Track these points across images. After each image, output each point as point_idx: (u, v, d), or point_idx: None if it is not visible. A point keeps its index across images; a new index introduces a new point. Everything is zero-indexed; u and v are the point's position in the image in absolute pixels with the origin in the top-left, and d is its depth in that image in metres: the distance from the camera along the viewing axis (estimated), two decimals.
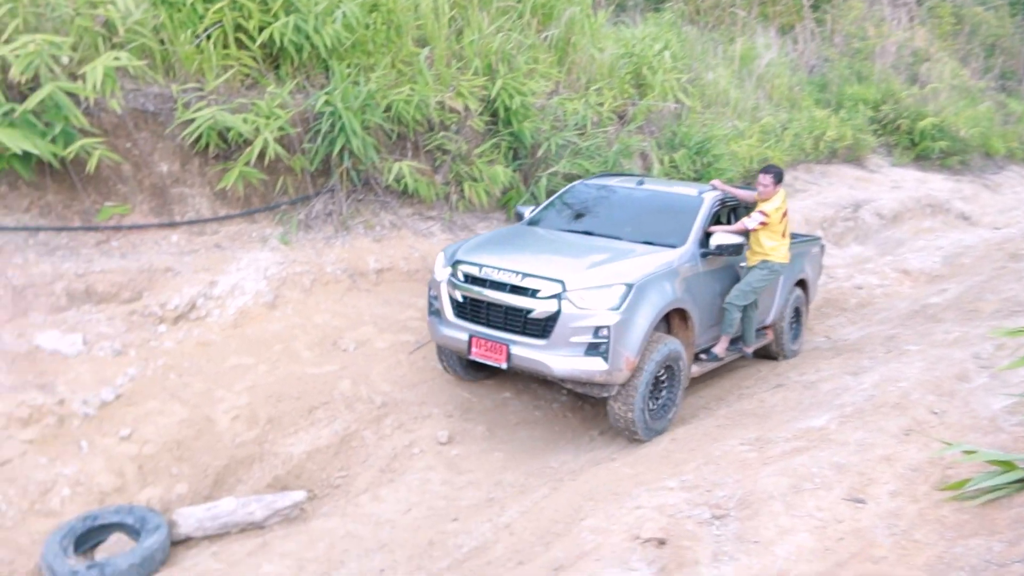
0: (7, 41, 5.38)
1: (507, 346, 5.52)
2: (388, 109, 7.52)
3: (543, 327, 5.44)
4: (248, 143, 6.67)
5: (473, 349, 5.65)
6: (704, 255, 6.33)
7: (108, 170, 6.20)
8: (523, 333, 5.51)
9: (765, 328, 7.77)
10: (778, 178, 6.78)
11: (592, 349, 5.37)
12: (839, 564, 3.42)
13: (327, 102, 7.01)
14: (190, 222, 6.69)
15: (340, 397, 5.90)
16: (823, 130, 15.17)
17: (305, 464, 5.38)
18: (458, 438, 5.90)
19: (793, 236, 8.47)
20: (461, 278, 5.82)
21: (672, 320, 6.14)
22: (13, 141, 5.28)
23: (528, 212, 7.19)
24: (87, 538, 4.48)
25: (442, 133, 8.21)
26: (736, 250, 6.37)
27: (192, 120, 6.40)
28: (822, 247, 9.08)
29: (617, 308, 5.37)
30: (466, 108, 8.32)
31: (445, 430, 5.90)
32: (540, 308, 5.41)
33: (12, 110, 5.39)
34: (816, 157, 15.35)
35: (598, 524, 4.30)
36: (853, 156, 16.49)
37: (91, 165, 5.78)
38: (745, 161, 12.13)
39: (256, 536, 4.67)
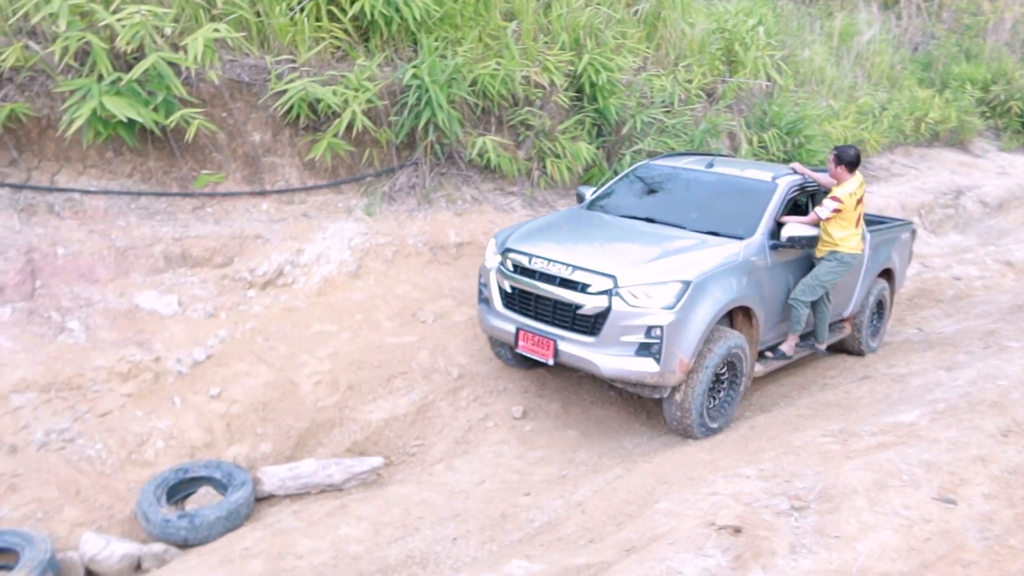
0: (114, 11, 5.61)
1: (554, 341, 5.28)
2: (474, 83, 7.53)
3: (592, 324, 5.18)
4: (337, 115, 6.79)
5: (520, 342, 5.45)
6: (774, 247, 5.87)
7: (205, 139, 6.43)
8: (572, 329, 5.27)
9: (842, 321, 7.24)
10: (843, 159, 6.13)
11: (643, 349, 5.09)
12: (925, 565, 3.29)
13: (415, 75, 7.06)
14: (279, 191, 6.89)
15: (418, 367, 6.00)
16: (925, 111, 14.44)
17: (383, 431, 5.50)
18: (532, 414, 5.93)
19: (881, 220, 8.04)
20: (510, 268, 5.59)
21: (735, 316, 5.76)
22: (119, 109, 5.52)
23: (589, 194, 6.82)
24: (178, 489, 4.71)
25: (526, 108, 8.18)
26: (810, 243, 5.93)
27: (284, 91, 6.55)
28: (913, 233, 8.29)
29: (672, 307, 5.06)
30: (551, 83, 8.25)
31: (520, 405, 5.93)
32: (590, 304, 5.15)
33: (119, 79, 5.62)
34: (916, 140, 14.64)
35: (672, 508, 4.25)
36: (956, 140, 15.65)
37: (190, 134, 6.00)
38: (839, 142, 11.64)
39: (334, 498, 4.81)
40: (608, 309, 5.09)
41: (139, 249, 5.89)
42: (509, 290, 5.60)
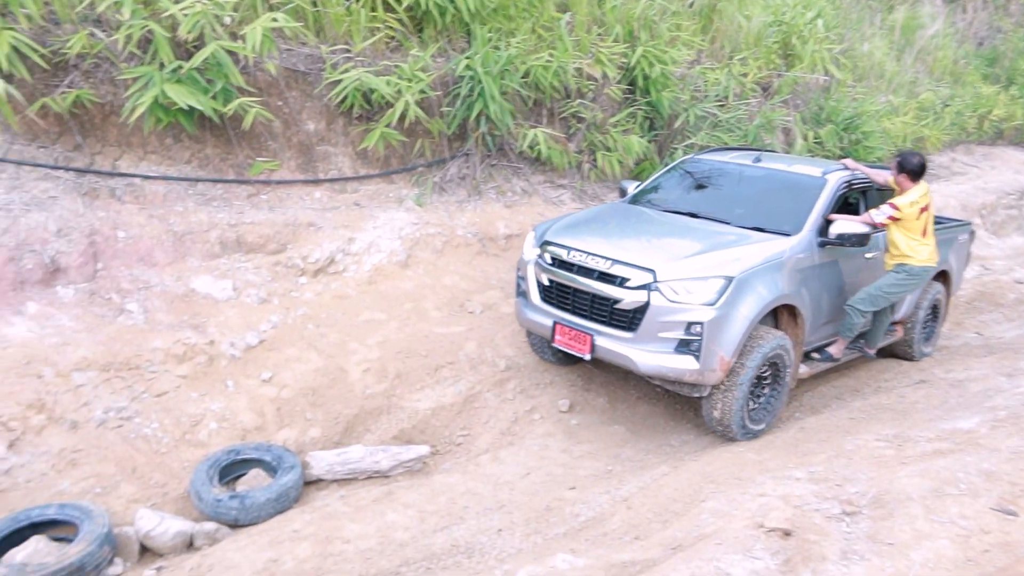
0: (176, 0, 5.71)
1: (592, 336, 5.18)
2: (526, 75, 7.52)
3: (631, 319, 5.08)
4: (390, 105, 6.83)
5: (557, 336, 5.37)
6: (822, 244, 5.67)
7: (260, 127, 6.53)
8: (609, 324, 5.17)
9: (894, 323, 6.94)
10: (906, 167, 5.87)
11: (683, 346, 4.98)
12: None
13: (468, 66, 7.07)
14: (332, 180, 6.97)
15: (465, 358, 6.03)
16: (989, 108, 13.99)
17: (429, 420, 5.54)
18: (578, 408, 5.91)
19: (938, 220, 7.76)
20: (548, 260, 5.52)
21: (780, 314, 5.61)
22: (179, 96, 5.64)
23: (632, 188, 6.71)
24: (229, 470, 4.81)
25: (578, 101, 8.13)
26: (860, 240, 5.60)
27: (339, 81, 6.62)
28: (971, 234, 7.99)
29: (713, 303, 4.93)
30: (604, 76, 8.19)
31: (566, 399, 5.92)
32: (628, 298, 5.03)
33: (179, 67, 5.74)
34: (979, 137, 14.19)
35: (719, 508, 4.21)
36: (1022, 138, 15.10)
37: (247, 122, 6.10)
38: (898, 139, 11.37)
39: (381, 484, 4.86)
40: (647, 304, 5.00)
41: (196, 234, 6.01)
42: (547, 283, 5.53)
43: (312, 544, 3.98)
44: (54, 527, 4.03)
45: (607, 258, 5.18)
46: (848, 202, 6.21)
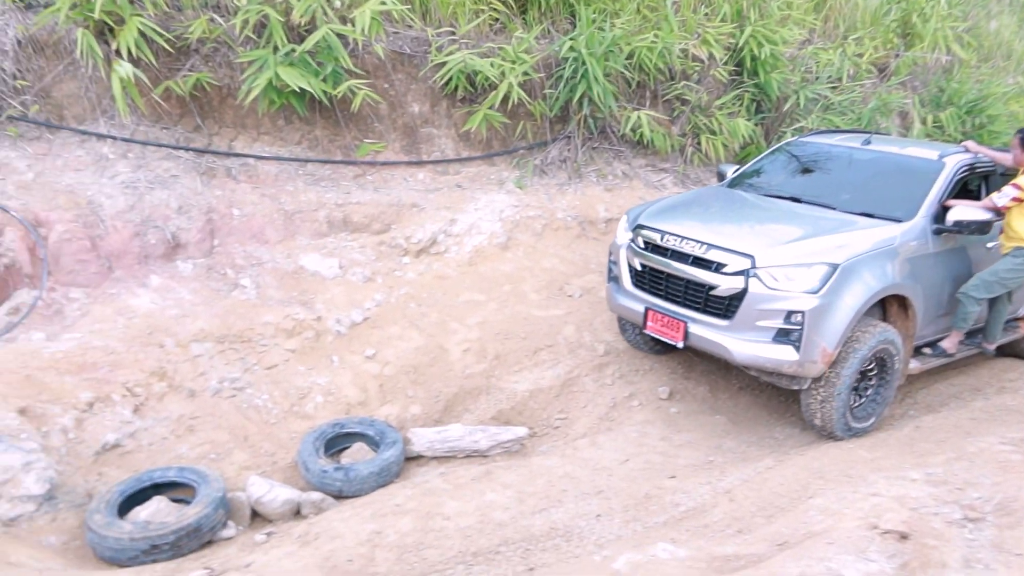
0: None
1: (685, 323, 5.01)
2: (630, 56, 7.39)
3: (726, 306, 4.87)
4: (493, 87, 6.85)
5: (648, 323, 5.20)
6: (938, 232, 5.31)
7: (367, 109, 6.66)
8: (704, 311, 4.97)
9: (1017, 320, 6.42)
10: None
11: (782, 336, 4.73)
12: None
13: (571, 48, 7.00)
14: (435, 161, 7.05)
15: (564, 341, 6.00)
16: None
17: (527, 402, 5.54)
18: (678, 396, 5.80)
19: None
20: (641, 245, 5.34)
21: (889, 306, 5.28)
22: (292, 79, 5.80)
23: (731, 172, 6.43)
24: (334, 443, 4.95)
25: (683, 82, 7.94)
26: (980, 228, 5.23)
27: (444, 63, 6.67)
28: None
29: (816, 291, 4.67)
30: (710, 57, 7.96)
31: (666, 386, 5.81)
32: (724, 284, 4.82)
33: (292, 50, 5.91)
34: None
35: (828, 505, 4.04)
36: None
37: (356, 104, 6.24)
38: None
39: (479, 464, 4.90)
40: (744, 291, 4.77)
41: (305, 213, 6.20)
42: (639, 268, 5.37)
43: (413, 519, 4.05)
44: (173, 488, 4.25)
45: (703, 242, 4.99)
46: (968, 188, 5.82)
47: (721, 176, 6.53)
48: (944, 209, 5.37)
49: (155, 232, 5.56)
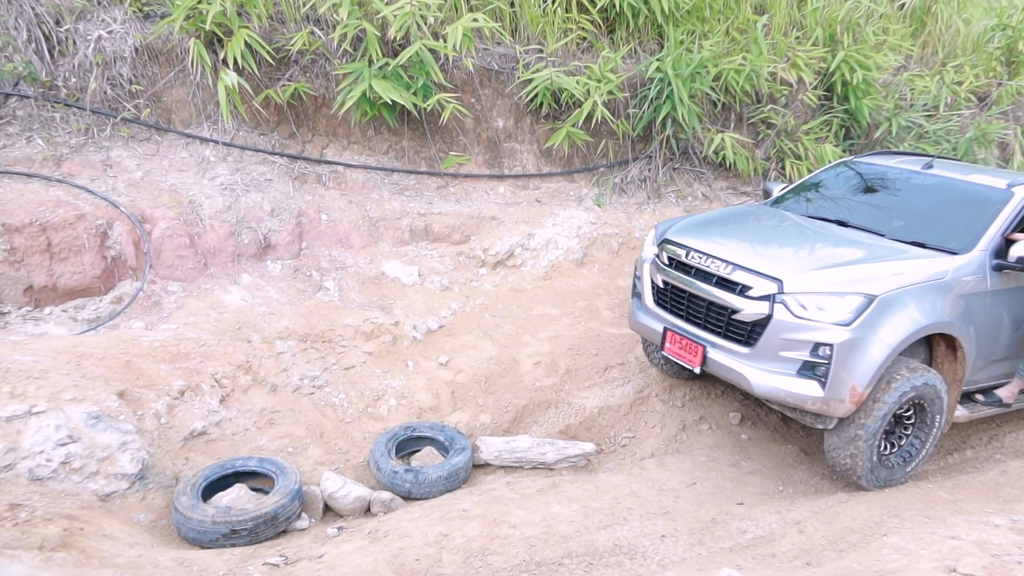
0: (387, 2, 6.10)
1: (704, 348, 4.71)
2: (717, 78, 7.36)
3: (749, 332, 4.53)
4: (577, 105, 6.93)
5: (667, 344, 4.93)
6: (999, 268, 4.80)
7: (453, 122, 6.83)
8: (725, 336, 4.65)
9: None
10: None
11: (807, 369, 4.36)
12: None
13: (658, 68, 7.03)
14: (516, 176, 7.17)
15: (635, 360, 6.00)
16: None
17: (596, 418, 5.57)
18: (750, 422, 5.72)
19: None
20: (665, 260, 5.05)
21: (936, 346, 4.87)
22: (385, 91, 6.02)
23: (777, 190, 6.06)
24: (405, 445, 5.07)
25: (770, 106, 7.85)
26: None
27: (530, 80, 6.79)
28: None
29: (848, 324, 4.27)
30: (799, 80, 7.85)
31: (737, 412, 5.74)
32: (748, 309, 4.48)
33: (386, 64, 6.13)
34: None
35: (903, 544, 3.93)
36: None
37: (444, 117, 6.41)
38: None
39: (545, 476, 4.95)
40: (768, 317, 4.42)
41: (388, 221, 6.40)
42: (661, 285, 5.09)
43: (480, 524, 4.12)
44: (253, 478, 4.44)
45: (728, 262, 4.66)
46: None
47: (767, 194, 6.19)
48: (1008, 243, 4.89)
49: (248, 232, 5.83)
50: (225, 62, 5.83)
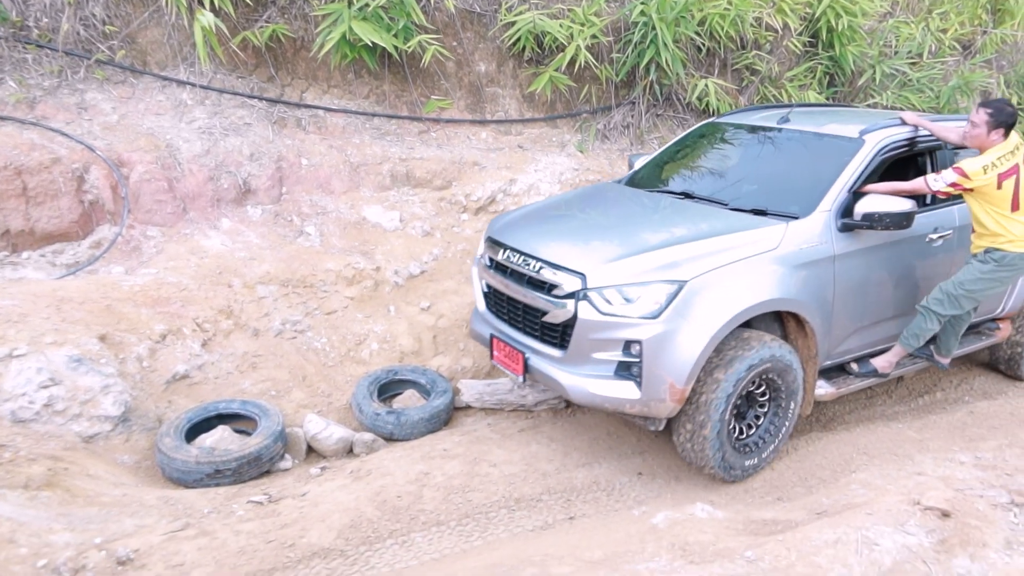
0: None
1: (524, 354, 4.21)
2: (701, 23, 7.27)
3: (561, 335, 4.04)
4: (560, 49, 6.85)
5: (494, 352, 4.48)
6: (846, 228, 4.28)
7: (434, 66, 6.74)
8: (542, 340, 4.17)
9: (997, 320, 5.45)
10: (1001, 119, 4.30)
11: (623, 370, 3.89)
12: None
13: (642, 12, 6.93)
14: (498, 121, 7.11)
15: None
16: None
17: None
18: None
19: None
20: (487, 262, 4.61)
21: (786, 321, 4.41)
22: (365, 33, 5.92)
23: (639, 162, 5.55)
24: (387, 388, 5.14)
25: (754, 52, 7.79)
26: (898, 221, 4.15)
27: (513, 23, 6.69)
28: None
29: (655, 316, 3.78)
30: (784, 26, 7.78)
31: None
32: (554, 310, 4.01)
33: (366, 5, 6.01)
34: None
35: (870, 480, 4.07)
36: None
37: (426, 59, 6.33)
38: None
39: (525, 418, 5.03)
40: (575, 317, 3.93)
41: (370, 166, 6.35)
42: (486, 289, 4.68)
43: (461, 463, 4.21)
44: (236, 420, 4.49)
45: (538, 259, 4.16)
46: (906, 169, 4.85)
47: (631, 167, 5.68)
48: (859, 196, 4.34)
49: (228, 177, 5.78)
50: (201, 2, 5.70)
